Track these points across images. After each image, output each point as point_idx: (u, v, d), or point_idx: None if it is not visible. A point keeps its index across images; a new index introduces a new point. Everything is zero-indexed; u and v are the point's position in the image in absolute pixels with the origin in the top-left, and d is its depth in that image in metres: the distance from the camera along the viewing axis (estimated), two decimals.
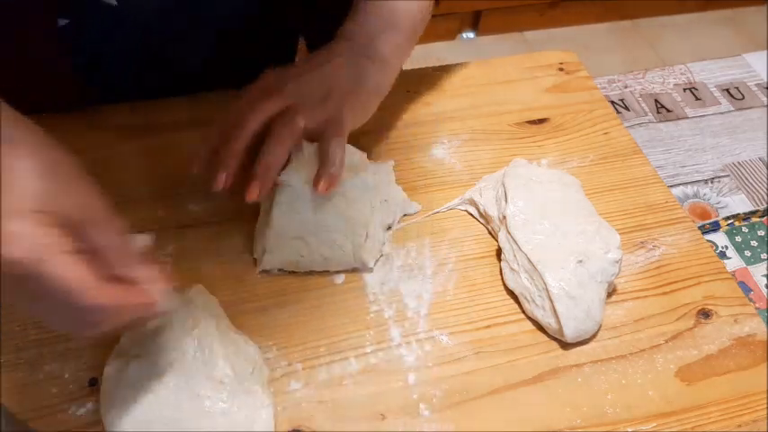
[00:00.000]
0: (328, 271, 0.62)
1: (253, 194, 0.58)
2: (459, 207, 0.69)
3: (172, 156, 0.69)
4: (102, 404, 0.51)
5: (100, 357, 0.55)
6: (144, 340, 0.53)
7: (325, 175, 0.58)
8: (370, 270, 0.62)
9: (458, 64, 0.82)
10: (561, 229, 0.62)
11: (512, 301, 0.62)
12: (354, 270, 0.62)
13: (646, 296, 0.63)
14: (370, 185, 0.62)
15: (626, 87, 0.89)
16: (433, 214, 0.68)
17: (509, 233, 0.63)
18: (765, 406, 0.56)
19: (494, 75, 0.82)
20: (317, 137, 0.60)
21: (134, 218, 0.64)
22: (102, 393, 0.52)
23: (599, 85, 0.85)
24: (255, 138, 0.59)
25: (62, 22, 0.66)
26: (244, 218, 0.65)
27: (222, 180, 0.58)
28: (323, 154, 0.59)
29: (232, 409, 0.51)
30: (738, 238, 0.73)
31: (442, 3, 0.76)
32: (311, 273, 0.62)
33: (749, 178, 0.79)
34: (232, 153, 0.58)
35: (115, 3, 0.66)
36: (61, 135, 0.67)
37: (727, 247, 0.72)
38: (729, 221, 0.74)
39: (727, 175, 0.79)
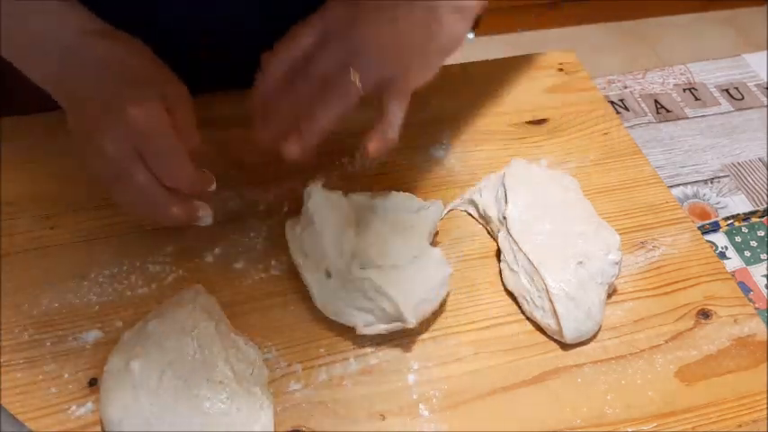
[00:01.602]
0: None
1: (291, 151, 0.53)
2: (459, 207, 0.69)
3: None
4: (102, 404, 0.51)
5: (100, 357, 0.55)
6: (144, 340, 0.53)
7: (378, 137, 0.54)
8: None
9: (458, 64, 0.82)
10: (561, 229, 0.62)
11: (511, 301, 0.62)
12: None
13: (646, 296, 0.63)
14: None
15: (626, 87, 0.88)
16: None
17: (509, 234, 0.63)
18: (765, 406, 0.56)
19: (493, 75, 0.82)
20: (376, 92, 0.55)
21: (135, 217, 0.64)
22: (102, 393, 0.52)
23: (599, 86, 0.85)
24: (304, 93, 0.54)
25: None
26: (244, 218, 0.65)
27: (264, 137, 0.54)
28: (381, 114, 0.54)
29: (232, 410, 0.51)
30: (738, 239, 0.73)
31: None
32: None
33: (749, 178, 0.79)
34: (277, 107, 0.54)
35: None
36: (63, 134, 0.67)
37: (726, 248, 0.72)
38: (729, 222, 0.74)
39: (727, 176, 0.79)
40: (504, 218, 0.64)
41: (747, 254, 0.72)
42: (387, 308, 0.56)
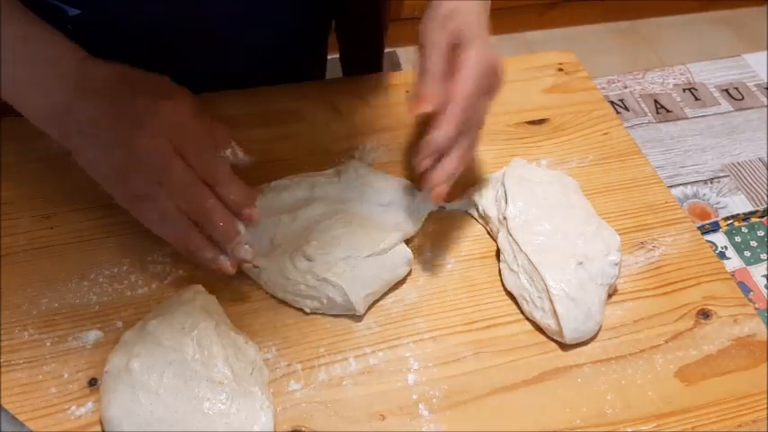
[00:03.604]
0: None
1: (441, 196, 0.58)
2: (460, 207, 0.69)
3: None
4: (102, 404, 0.51)
5: (100, 357, 0.55)
6: (144, 341, 0.53)
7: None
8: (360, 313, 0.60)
9: None
10: (561, 230, 0.62)
11: (511, 301, 0.62)
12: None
13: (645, 296, 0.63)
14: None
15: (625, 87, 0.89)
16: (432, 214, 0.68)
17: (509, 234, 0.63)
18: (765, 406, 0.56)
19: None
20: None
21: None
22: (102, 393, 0.52)
23: (598, 86, 0.85)
24: None
25: (72, 11, 0.66)
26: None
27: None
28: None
29: (231, 411, 0.51)
30: (738, 239, 0.73)
31: None
32: None
33: (749, 178, 0.79)
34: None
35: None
36: None
37: (726, 248, 0.72)
38: (729, 222, 0.74)
39: (727, 176, 0.79)
40: (504, 218, 0.64)
41: (747, 254, 0.72)
42: (334, 297, 0.58)
